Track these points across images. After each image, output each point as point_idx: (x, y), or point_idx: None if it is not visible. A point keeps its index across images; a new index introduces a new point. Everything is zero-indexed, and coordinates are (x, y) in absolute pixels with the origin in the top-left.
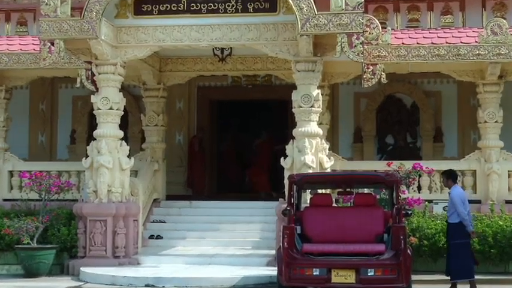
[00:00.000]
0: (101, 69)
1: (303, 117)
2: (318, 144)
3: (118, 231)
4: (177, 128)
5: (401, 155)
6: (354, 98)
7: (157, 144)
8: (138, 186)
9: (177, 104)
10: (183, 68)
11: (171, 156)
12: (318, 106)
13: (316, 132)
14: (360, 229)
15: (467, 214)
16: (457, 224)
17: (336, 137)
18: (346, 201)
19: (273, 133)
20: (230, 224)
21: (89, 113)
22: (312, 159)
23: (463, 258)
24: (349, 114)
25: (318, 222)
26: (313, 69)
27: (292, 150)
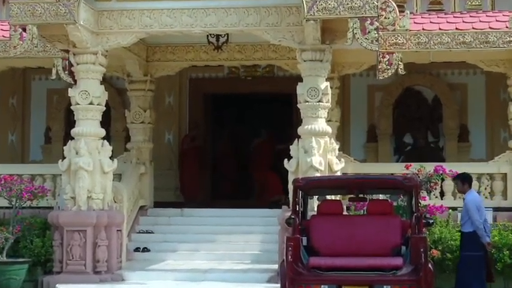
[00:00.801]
0: (80, 58)
1: (310, 114)
2: (326, 144)
3: (99, 243)
4: (167, 126)
5: (422, 156)
6: (367, 92)
7: (144, 144)
8: (122, 192)
9: (166, 98)
10: (173, 58)
11: (159, 157)
12: (327, 101)
13: (324, 131)
14: (374, 240)
15: (484, 223)
16: (471, 234)
17: (347, 135)
18: (358, 208)
19: (275, 131)
20: (227, 235)
21: (65, 108)
22: (319, 161)
23: (474, 272)
24: (362, 109)
25: (327, 233)
26: (321, 59)
27: (297, 151)
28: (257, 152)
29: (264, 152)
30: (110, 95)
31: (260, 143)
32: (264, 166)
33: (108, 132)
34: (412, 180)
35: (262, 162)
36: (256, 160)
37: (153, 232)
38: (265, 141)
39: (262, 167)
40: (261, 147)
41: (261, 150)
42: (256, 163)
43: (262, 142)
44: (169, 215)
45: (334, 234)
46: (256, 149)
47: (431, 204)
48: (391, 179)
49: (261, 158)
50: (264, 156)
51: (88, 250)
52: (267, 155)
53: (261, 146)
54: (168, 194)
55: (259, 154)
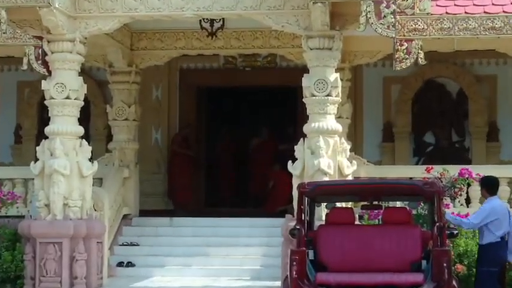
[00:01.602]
0: (55, 46)
1: (317, 109)
2: (336, 144)
3: (77, 257)
4: (154, 123)
5: (445, 158)
6: (383, 84)
7: (128, 144)
8: (103, 199)
9: (153, 91)
10: (162, 46)
11: (146, 159)
12: (337, 95)
13: (333, 129)
14: (391, 254)
15: (509, 235)
16: (487, 247)
17: (360, 134)
18: (372, 217)
19: (278, 130)
20: (223, 248)
21: (38, 103)
22: (328, 163)
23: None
24: (377, 105)
25: (336, 245)
26: (329, 47)
27: (302, 152)
28: (256, 154)
29: (265, 154)
30: (89, 88)
31: (260, 143)
32: (264, 170)
33: (87, 131)
34: (433, 185)
35: (262, 165)
36: (256, 163)
37: (138, 244)
38: (265, 142)
39: (262, 171)
40: (261, 148)
41: (261, 152)
42: (256, 166)
43: (262, 142)
44: (157, 224)
45: (344, 247)
46: (255, 151)
47: (456, 212)
48: (409, 184)
49: (261, 160)
50: (265, 158)
51: (64, 265)
52: (267, 157)
53: (261, 146)
54: (156, 201)
55: (259, 156)
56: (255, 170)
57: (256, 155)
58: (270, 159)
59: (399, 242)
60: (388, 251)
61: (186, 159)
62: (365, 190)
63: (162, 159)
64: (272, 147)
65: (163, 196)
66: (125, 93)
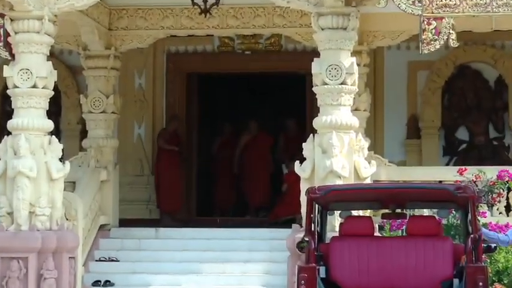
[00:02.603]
0: (19, 25)
1: (330, 100)
2: (351, 141)
3: (45, 275)
4: (137, 117)
5: (481, 158)
6: (407, 71)
7: (106, 141)
8: (76, 206)
9: (136, 79)
10: (145, 25)
11: (127, 159)
12: (352, 83)
13: (349, 123)
14: (417, 271)
15: None
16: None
17: (380, 130)
18: (395, 228)
19: (284, 123)
20: (218, 264)
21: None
22: (342, 164)
23: None
24: (401, 95)
25: (352, 261)
26: (344, 27)
27: (312, 151)
28: (248, 153)
29: (258, 152)
30: (60, 75)
31: (250, 140)
32: (260, 170)
33: (57, 126)
34: (467, 190)
35: (257, 165)
36: (248, 163)
37: (117, 260)
38: (256, 137)
39: (257, 172)
40: (253, 146)
41: (252, 150)
42: (249, 168)
43: (253, 138)
44: (140, 236)
45: (362, 263)
46: (246, 149)
47: (494, 222)
48: (439, 188)
49: (254, 160)
50: (259, 156)
51: (30, 284)
52: (262, 154)
53: (252, 143)
54: (139, 209)
55: (251, 155)
56: (249, 171)
57: (247, 154)
58: (265, 157)
59: (427, 257)
60: (414, 268)
61: (174, 159)
62: (386, 196)
63: (146, 159)
64: (265, 142)
65: (148, 203)
66: (102, 81)
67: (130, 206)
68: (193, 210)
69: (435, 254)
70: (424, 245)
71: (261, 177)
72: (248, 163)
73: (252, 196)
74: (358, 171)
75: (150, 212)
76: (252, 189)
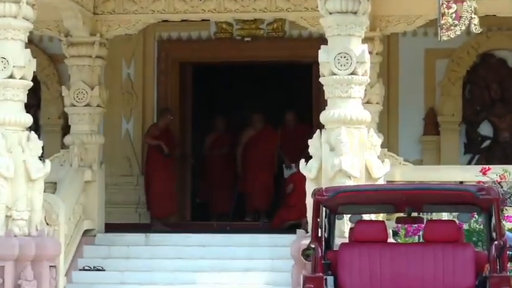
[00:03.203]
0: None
1: (338, 92)
2: (363, 137)
3: (24, 285)
4: (125, 111)
5: (506, 156)
6: (424, 60)
7: (91, 137)
8: (57, 209)
9: (123, 69)
10: (134, 8)
11: (114, 158)
12: (364, 73)
13: (359, 118)
14: (436, 281)
15: None
16: None
17: (394, 125)
18: (411, 234)
19: (287, 118)
20: (214, 274)
21: None
22: (352, 162)
23: None
24: (417, 86)
25: (363, 270)
26: (355, 10)
27: (319, 148)
28: (251, 151)
29: (263, 150)
30: (40, 65)
31: (254, 136)
32: (264, 171)
33: (36, 120)
34: (490, 191)
35: (261, 165)
36: (251, 163)
37: (104, 269)
38: (261, 133)
39: (261, 174)
40: (257, 143)
41: (256, 147)
42: (252, 168)
43: (257, 134)
44: (129, 243)
45: (374, 272)
46: (248, 147)
47: None
48: (459, 190)
49: (259, 159)
50: (263, 155)
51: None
52: (267, 153)
53: (255, 140)
54: (127, 212)
55: (255, 153)
56: (251, 172)
57: (250, 153)
58: (270, 156)
59: (446, 266)
60: (432, 278)
61: (166, 159)
62: (401, 198)
63: (135, 158)
64: (271, 139)
65: (137, 206)
66: (86, 71)
67: (118, 209)
68: (188, 214)
69: (455, 262)
70: (443, 252)
71: (264, 179)
72: (250, 162)
73: (253, 199)
74: (370, 171)
75: (140, 216)
76: (253, 192)
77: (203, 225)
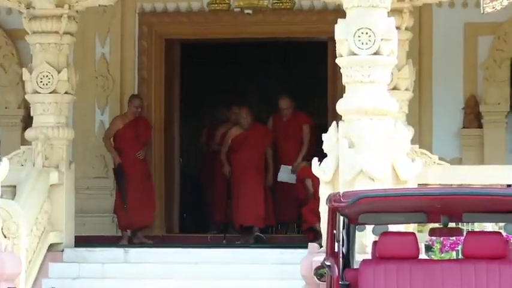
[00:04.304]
0: None
1: (359, 76)
2: (389, 131)
3: None
4: (99, 98)
5: None
6: (464, 36)
7: (58, 131)
8: (17, 219)
9: (97, 48)
10: None
11: (85, 156)
12: (390, 52)
13: (385, 107)
14: None
15: None
16: None
17: (428, 116)
18: (448, 248)
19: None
20: None
21: None
22: (376, 162)
23: None
24: (455, 68)
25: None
26: None
27: (335, 145)
28: (236, 154)
29: (250, 154)
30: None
31: (239, 136)
32: (250, 182)
33: None
34: None
35: (246, 174)
36: (234, 170)
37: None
38: (250, 132)
39: (245, 184)
40: (244, 145)
41: (243, 151)
42: (234, 176)
43: (243, 134)
44: (104, 260)
45: None
46: (234, 148)
47: None
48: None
49: (244, 165)
50: (250, 162)
51: None
52: (257, 155)
53: (243, 141)
54: (102, 222)
55: (240, 158)
56: (238, 180)
57: (236, 155)
58: (261, 160)
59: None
60: None
61: (145, 159)
62: (435, 205)
63: (110, 156)
64: (262, 138)
65: (114, 215)
66: (51, 50)
67: (91, 219)
68: (175, 223)
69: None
70: (487, 271)
71: (254, 189)
72: (237, 168)
73: (238, 213)
74: (398, 172)
75: (117, 227)
76: (240, 204)
77: (195, 239)
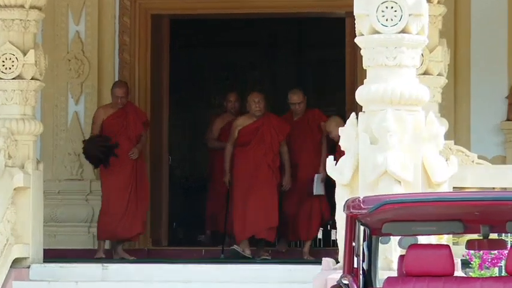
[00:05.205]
0: None
1: (382, 58)
2: (418, 124)
3: None
4: (73, 86)
5: None
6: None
7: (23, 124)
8: None
9: (70, 25)
10: None
11: (57, 154)
12: (420, 30)
13: (414, 96)
14: None
15: None
16: None
17: (465, 106)
18: (488, 264)
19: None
20: None
21: None
22: (403, 161)
23: None
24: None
25: None
26: None
27: (354, 141)
28: (244, 148)
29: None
30: None
31: (250, 126)
32: (255, 185)
33: None
34: None
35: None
36: (241, 168)
37: None
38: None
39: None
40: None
41: (250, 142)
42: (240, 176)
43: (255, 125)
44: (79, 277)
45: None
46: (240, 141)
47: None
48: None
49: (255, 159)
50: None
51: None
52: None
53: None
54: (77, 233)
55: (250, 150)
56: (240, 183)
57: (245, 152)
58: (275, 155)
59: None
60: None
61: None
62: (474, 212)
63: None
64: (279, 131)
65: (90, 224)
66: (16, 28)
67: (63, 229)
68: (163, 235)
69: None
70: None
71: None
72: (245, 167)
73: (247, 223)
74: (429, 173)
75: (94, 239)
76: (249, 212)
77: (187, 253)
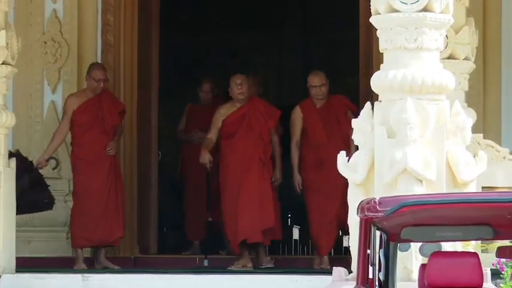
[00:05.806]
0: None
1: (402, 40)
2: (443, 116)
3: None
4: (49, 72)
5: None
6: None
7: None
8: None
9: (46, 2)
10: None
11: (31, 148)
12: (444, 9)
13: (437, 83)
14: None
15: None
16: None
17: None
18: None
19: None
20: None
21: None
22: (425, 157)
23: None
24: None
25: None
26: None
27: (369, 134)
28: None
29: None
30: None
31: (234, 115)
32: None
33: None
34: None
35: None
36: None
37: None
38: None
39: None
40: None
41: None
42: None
43: (239, 111)
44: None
45: None
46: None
47: None
48: None
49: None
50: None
51: None
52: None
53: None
54: (54, 239)
55: (237, 142)
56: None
57: (232, 144)
58: (266, 146)
59: None
60: None
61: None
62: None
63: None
64: (268, 118)
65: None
66: None
67: (39, 234)
68: (151, 241)
69: None
70: None
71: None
72: (233, 161)
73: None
74: (455, 171)
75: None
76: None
77: (178, 261)
